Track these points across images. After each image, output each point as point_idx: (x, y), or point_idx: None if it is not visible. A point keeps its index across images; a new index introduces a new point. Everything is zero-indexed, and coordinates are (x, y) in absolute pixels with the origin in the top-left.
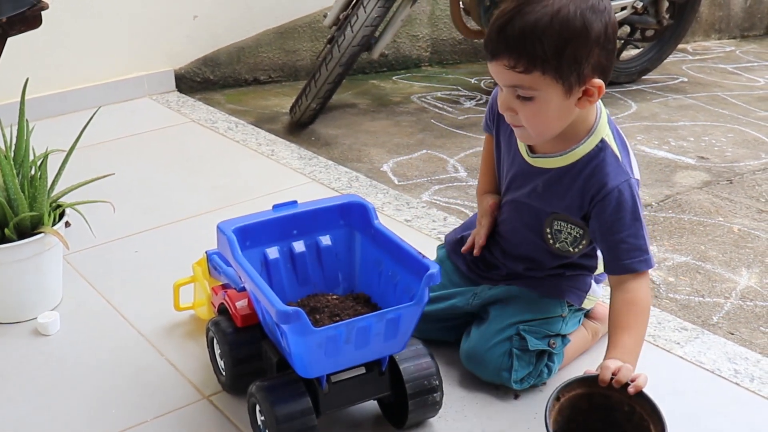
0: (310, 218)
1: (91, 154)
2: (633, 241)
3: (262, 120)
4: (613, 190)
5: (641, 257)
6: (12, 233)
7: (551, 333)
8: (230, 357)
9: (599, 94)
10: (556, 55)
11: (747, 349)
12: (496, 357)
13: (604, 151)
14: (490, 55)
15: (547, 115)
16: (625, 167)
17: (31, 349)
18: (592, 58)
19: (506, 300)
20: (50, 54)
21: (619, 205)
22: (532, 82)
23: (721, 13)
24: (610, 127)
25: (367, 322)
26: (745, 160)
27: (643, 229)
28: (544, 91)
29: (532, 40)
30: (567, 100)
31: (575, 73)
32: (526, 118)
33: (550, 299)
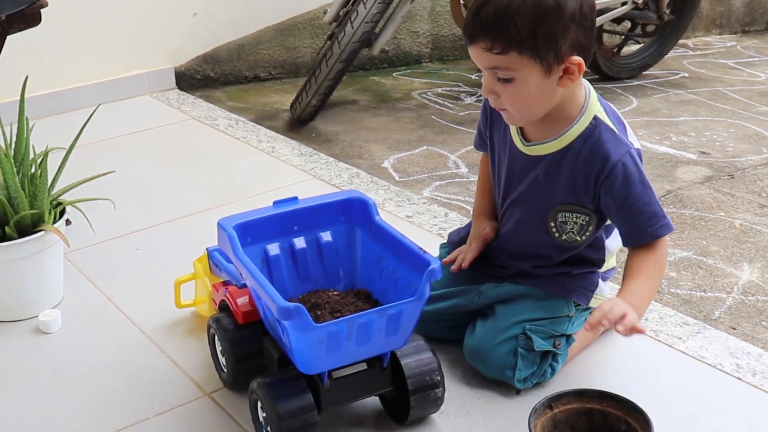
0: (311, 214)
1: (91, 152)
2: (649, 209)
3: (262, 117)
4: (617, 164)
5: (661, 222)
6: (13, 231)
7: (557, 333)
8: (231, 354)
9: (580, 71)
10: (531, 34)
11: (749, 344)
12: (501, 355)
13: (599, 128)
14: (468, 40)
15: (529, 95)
16: (623, 139)
17: (32, 348)
18: (569, 35)
19: (513, 298)
20: (50, 52)
21: (626, 178)
22: (509, 62)
23: (722, 8)
24: (601, 104)
25: (369, 318)
26: (746, 155)
27: (654, 195)
28: (523, 72)
29: (506, 20)
30: (547, 79)
31: (552, 51)
32: (508, 100)
33: (558, 299)
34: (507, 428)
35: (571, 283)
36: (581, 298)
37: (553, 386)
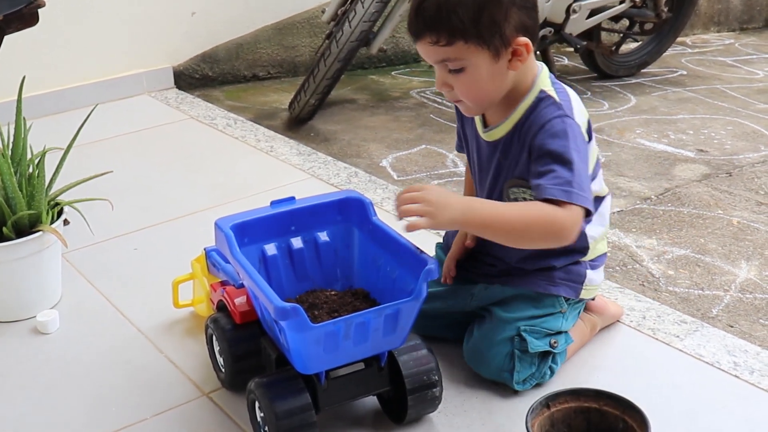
0: (308, 214)
1: (89, 152)
2: (559, 171)
3: (260, 116)
4: (545, 122)
5: (565, 187)
6: (10, 232)
7: (552, 331)
8: (229, 354)
9: (528, 51)
10: (474, 22)
11: (746, 342)
12: (498, 358)
13: (544, 101)
14: (414, 37)
15: (481, 82)
16: (564, 108)
17: (30, 348)
18: (511, 18)
19: (506, 300)
20: (48, 52)
21: (549, 132)
22: (457, 53)
23: (720, 6)
24: (553, 83)
25: (366, 317)
26: (744, 153)
27: (577, 166)
28: (472, 60)
29: (448, 12)
30: (497, 63)
31: (497, 35)
32: (461, 91)
33: (546, 296)
34: (505, 427)
35: (557, 278)
36: (569, 292)
37: (551, 385)
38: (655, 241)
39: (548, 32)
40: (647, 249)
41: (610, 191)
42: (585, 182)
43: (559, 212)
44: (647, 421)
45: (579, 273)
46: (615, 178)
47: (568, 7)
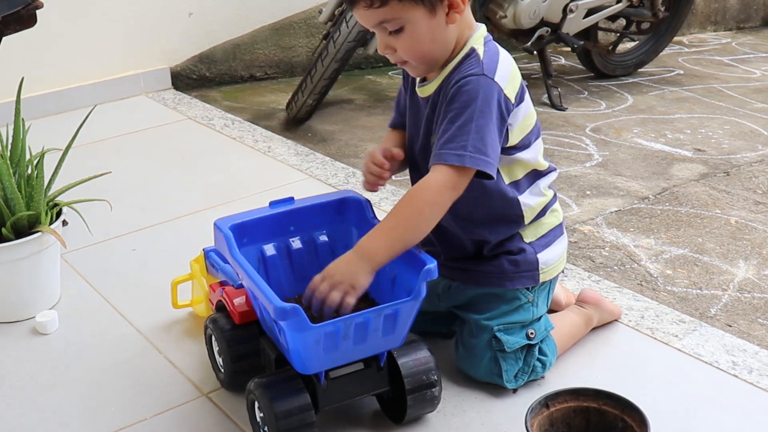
0: (307, 214)
1: (87, 153)
2: (456, 132)
3: (258, 117)
4: (461, 79)
5: (457, 151)
6: (9, 232)
7: (526, 322)
8: (228, 354)
9: (464, 2)
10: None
11: (745, 341)
12: (484, 365)
13: (469, 57)
14: (349, 4)
15: (421, 39)
16: (484, 67)
17: (29, 348)
18: None
19: (473, 302)
20: (46, 53)
21: (458, 92)
22: (393, 12)
23: (717, 5)
24: (485, 40)
25: (365, 317)
26: (741, 152)
27: (480, 129)
28: (409, 17)
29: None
30: (434, 18)
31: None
32: (404, 51)
33: (507, 290)
34: (504, 427)
35: (508, 272)
36: (527, 282)
37: (550, 385)
38: (653, 240)
39: (545, 32)
40: (645, 248)
41: (553, 167)
42: (485, 144)
43: (434, 183)
44: (646, 420)
45: (528, 261)
46: (612, 177)
47: (565, 6)
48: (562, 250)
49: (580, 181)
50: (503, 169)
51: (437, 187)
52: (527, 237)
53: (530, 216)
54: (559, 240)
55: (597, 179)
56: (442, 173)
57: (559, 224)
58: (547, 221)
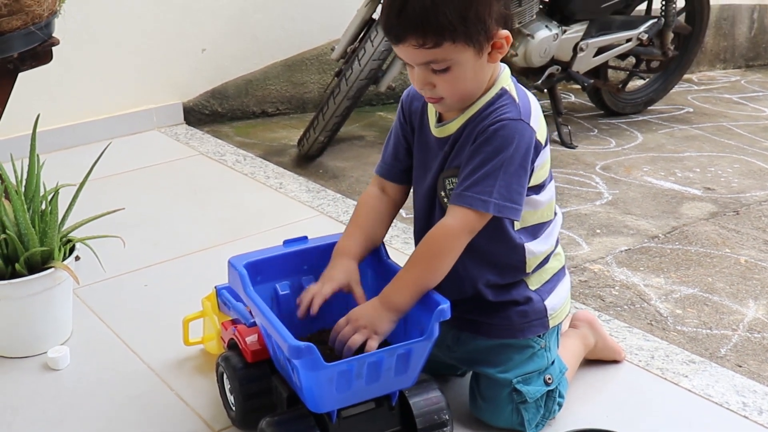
0: (321, 254)
1: (100, 187)
2: (484, 177)
3: (270, 153)
4: (498, 120)
5: (483, 196)
6: (23, 268)
7: (542, 369)
8: (240, 392)
9: (508, 43)
10: (462, 20)
11: (755, 382)
12: (505, 416)
13: (503, 97)
14: (395, 40)
15: (465, 79)
16: (521, 111)
17: (41, 384)
18: (494, 12)
19: (484, 358)
20: (60, 88)
21: (493, 135)
22: (444, 54)
23: (726, 43)
24: (514, 84)
25: (378, 357)
26: (751, 191)
27: (511, 178)
28: (458, 58)
29: (435, 13)
30: (480, 59)
31: (482, 31)
32: (445, 89)
33: (519, 340)
34: None
35: (517, 324)
36: (538, 330)
37: (560, 425)
38: (662, 279)
39: (556, 70)
40: (655, 288)
41: (559, 213)
42: (510, 191)
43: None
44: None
45: (536, 310)
46: (622, 216)
47: (575, 45)
48: (567, 291)
49: (590, 220)
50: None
51: (457, 231)
52: (532, 284)
53: (533, 264)
54: (562, 282)
55: (607, 218)
56: (463, 217)
57: (562, 267)
58: (550, 266)
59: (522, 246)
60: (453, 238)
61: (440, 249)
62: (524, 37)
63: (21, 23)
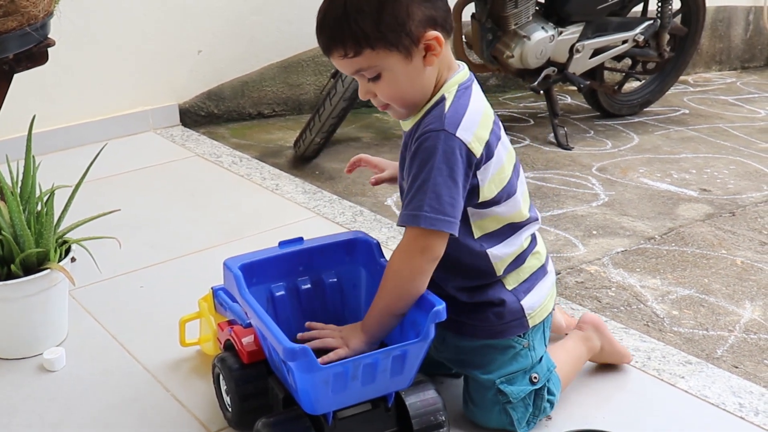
0: (316, 255)
1: (96, 189)
2: (415, 193)
3: (266, 154)
4: (422, 134)
5: (414, 212)
6: (18, 269)
7: (527, 368)
8: (236, 393)
9: (440, 44)
10: (376, 27)
11: (751, 383)
12: (494, 418)
13: (436, 107)
14: (324, 53)
15: (399, 84)
16: (445, 121)
17: (37, 386)
18: (415, 14)
19: (469, 359)
20: (55, 89)
21: (419, 149)
22: (368, 61)
23: (722, 45)
24: (459, 87)
25: (374, 358)
26: (747, 192)
27: (441, 189)
28: (385, 65)
29: (348, 23)
30: (411, 63)
31: (403, 35)
32: (384, 96)
33: (499, 341)
34: None
35: (496, 325)
36: (517, 330)
37: (557, 426)
38: (659, 281)
39: (552, 71)
40: (651, 289)
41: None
42: (441, 203)
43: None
44: None
45: (512, 310)
46: (619, 217)
47: (571, 47)
48: (547, 289)
49: (587, 221)
50: (475, 224)
51: (405, 252)
52: (509, 284)
53: (502, 267)
54: (542, 281)
55: (603, 219)
56: (407, 237)
57: (542, 266)
58: (528, 265)
59: (484, 252)
60: (405, 262)
61: (397, 274)
62: (520, 39)
63: (16, 24)
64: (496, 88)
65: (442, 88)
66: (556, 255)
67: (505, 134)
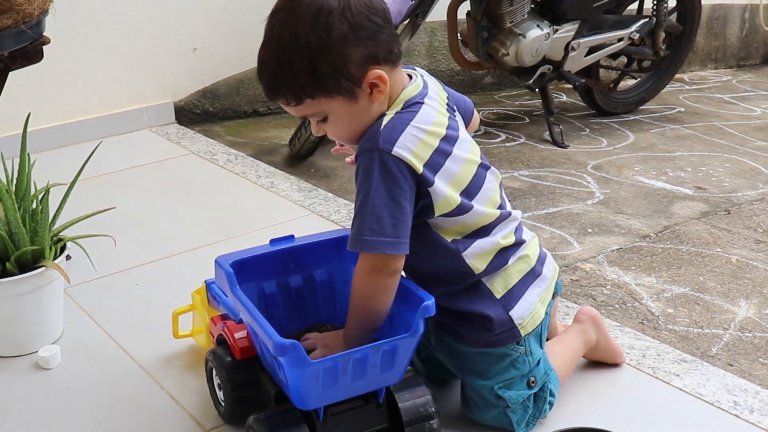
0: (307, 252)
1: (91, 187)
2: (356, 216)
3: (261, 152)
4: (358, 155)
5: (355, 236)
6: (13, 267)
7: (525, 373)
8: (229, 388)
9: (383, 81)
10: (312, 79)
11: (746, 381)
12: (494, 420)
13: (375, 123)
14: (270, 99)
15: (346, 125)
16: (380, 138)
17: (32, 383)
18: (352, 56)
19: (466, 365)
20: (51, 87)
21: (357, 170)
22: (311, 109)
23: (717, 43)
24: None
25: (363, 353)
26: (742, 190)
27: (381, 210)
28: (329, 109)
29: (283, 77)
30: (356, 104)
31: (343, 80)
32: (333, 135)
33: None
34: None
35: (487, 336)
36: (509, 339)
37: (551, 424)
38: (654, 279)
39: (547, 69)
40: (646, 287)
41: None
42: (381, 224)
43: (362, 271)
44: None
45: (501, 322)
46: (614, 215)
47: (567, 44)
48: (538, 295)
49: (582, 219)
50: (442, 231)
51: (362, 273)
52: (497, 291)
53: (481, 265)
54: (532, 286)
55: (598, 217)
56: (360, 259)
57: (531, 270)
58: (515, 269)
59: (458, 254)
60: (364, 282)
61: (360, 294)
62: (516, 37)
63: (11, 22)
64: (491, 86)
65: (389, 109)
66: (551, 253)
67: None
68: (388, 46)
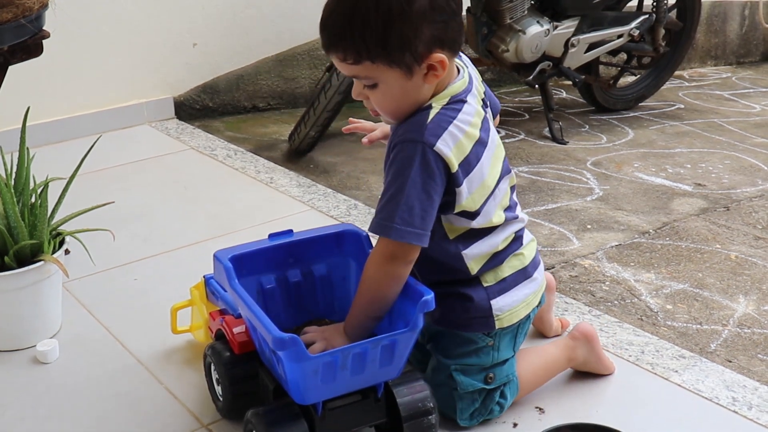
0: (306, 247)
1: (90, 182)
2: (388, 201)
3: (261, 147)
4: (398, 143)
5: (385, 222)
6: (12, 261)
7: (485, 366)
8: (227, 383)
9: (443, 67)
10: (381, 42)
11: (745, 377)
12: (443, 397)
13: (421, 113)
14: (324, 49)
15: (394, 97)
16: (425, 131)
17: (30, 378)
18: (423, 34)
19: (438, 339)
20: (50, 81)
21: (395, 158)
22: (366, 72)
23: (717, 40)
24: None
25: (363, 348)
26: (741, 187)
27: (414, 201)
28: (383, 78)
29: (352, 33)
30: (410, 80)
31: (408, 53)
32: (377, 105)
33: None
34: None
35: (462, 316)
36: (481, 327)
37: (550, 419)
38: (653, 275)
39: (547, 66)
40: (645, 283)
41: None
42: (412, 215)
43: (375, 259)
44: None
45: (479, 307)
46: (613, 211)
47: (566, 41)
48: (525, 295)
49: (581, 215)
50: (448, 227)
51: (378, 259)
52: (486, 280)
53: (476, 267)
54: (521, 285)
55: (598, 213)
56: (379, 244)
57: (523, 268)
58: (508, 265)
59: (459, 253)
60: (378, 268)
61: (372, 280)
62: (515, 33)
63: (11, 16)
64: (491, 82)
65: (433, 99)
66: (550, 249)
67: (493, 143)
68: (456, 35)
